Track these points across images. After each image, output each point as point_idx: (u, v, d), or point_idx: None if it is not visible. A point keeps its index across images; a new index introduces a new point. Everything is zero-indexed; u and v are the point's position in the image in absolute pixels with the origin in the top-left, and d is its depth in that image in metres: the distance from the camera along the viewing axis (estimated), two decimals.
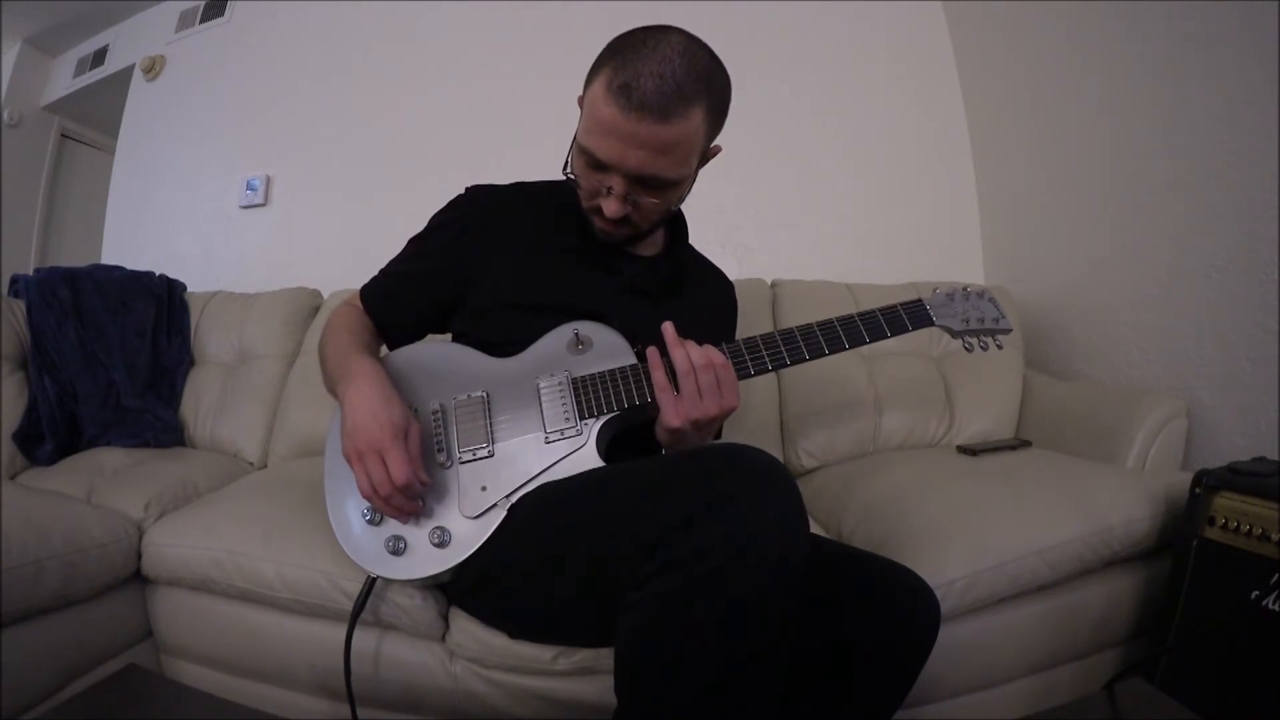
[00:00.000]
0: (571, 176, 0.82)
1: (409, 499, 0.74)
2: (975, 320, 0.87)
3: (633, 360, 0.81)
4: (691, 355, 0.75)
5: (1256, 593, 0.79)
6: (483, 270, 0.88)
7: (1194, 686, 0.82)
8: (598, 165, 0.76)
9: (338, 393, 0.80)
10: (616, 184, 0.76)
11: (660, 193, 0.78)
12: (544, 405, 0.80)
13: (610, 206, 0.78)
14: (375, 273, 0.97)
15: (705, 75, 0.73)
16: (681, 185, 0.81)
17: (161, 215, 2.42)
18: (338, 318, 0.93)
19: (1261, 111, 1.09)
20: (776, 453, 1.42)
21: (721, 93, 0.76)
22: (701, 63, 0.73)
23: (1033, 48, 1.64)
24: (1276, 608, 0.77)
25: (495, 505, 0.75)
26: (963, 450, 1.27)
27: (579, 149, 0.79)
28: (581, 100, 0.78)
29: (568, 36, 2.05)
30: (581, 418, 0.78)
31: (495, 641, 0.81)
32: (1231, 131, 1.14)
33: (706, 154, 0.82)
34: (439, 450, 0.80)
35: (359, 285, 0.97)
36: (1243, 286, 1.13)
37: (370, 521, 0.77)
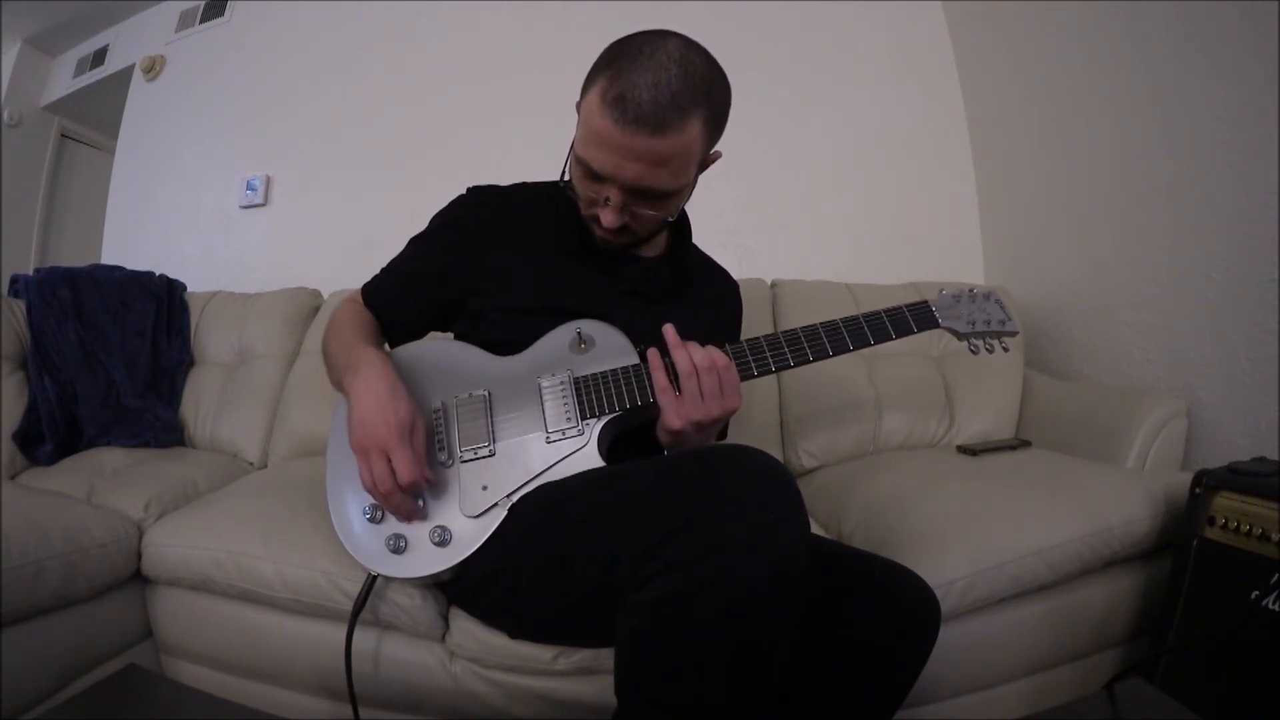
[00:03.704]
0: (568, 184, 0.82)
1: (411, 498, 0.74)
2: (981, 322, 0.87)
3: (635, 360, 0.81)
4: (694, 357, 0.75)
5: (1256, 593, 0.79)
6: (484, 272, 0.88)
7: (1194, 686, 0.82)
8: (594, 176, 0.76)
9: (344, 384, 0.80)
10: (613, 195, 0.76)
11: (658, 203, 0.78)
12: (546, 405, 0.80)
13: (607, 217, 0.78)
14: (376, 271, 0.97)
15: (703, 84, 0.72)
16: (680, 195, 0.80)
17: (161, 215, 2.42)
18: (342, 313, 0.93)
19: (1261, 111, 1.09)
20: (777, 453, 1.42)
21: (720, 100, 0.75)
22: (699, 71, 0.71)
23: (1033, 48, 1.64)
24: (1276, 608, 0.77)
25: (496, 505, 0.75)
26: (963, 450, 1.27)
27: (576, 158, 0.78)
28: (579, 106, 0.77)
29: (568, 36, 2.05)
30: (583, 417, 0.78)
31: (495, 641, 0.81)
32: (1231, 131, 1.14)
33: (706, 161, 0.81)
34: (440, 449, 0.80)
35: (359, 285, 0.97)
36: (1243, 286, 1.13)
37: (371, 520, 0.77)
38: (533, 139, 1.77)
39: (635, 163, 0.72)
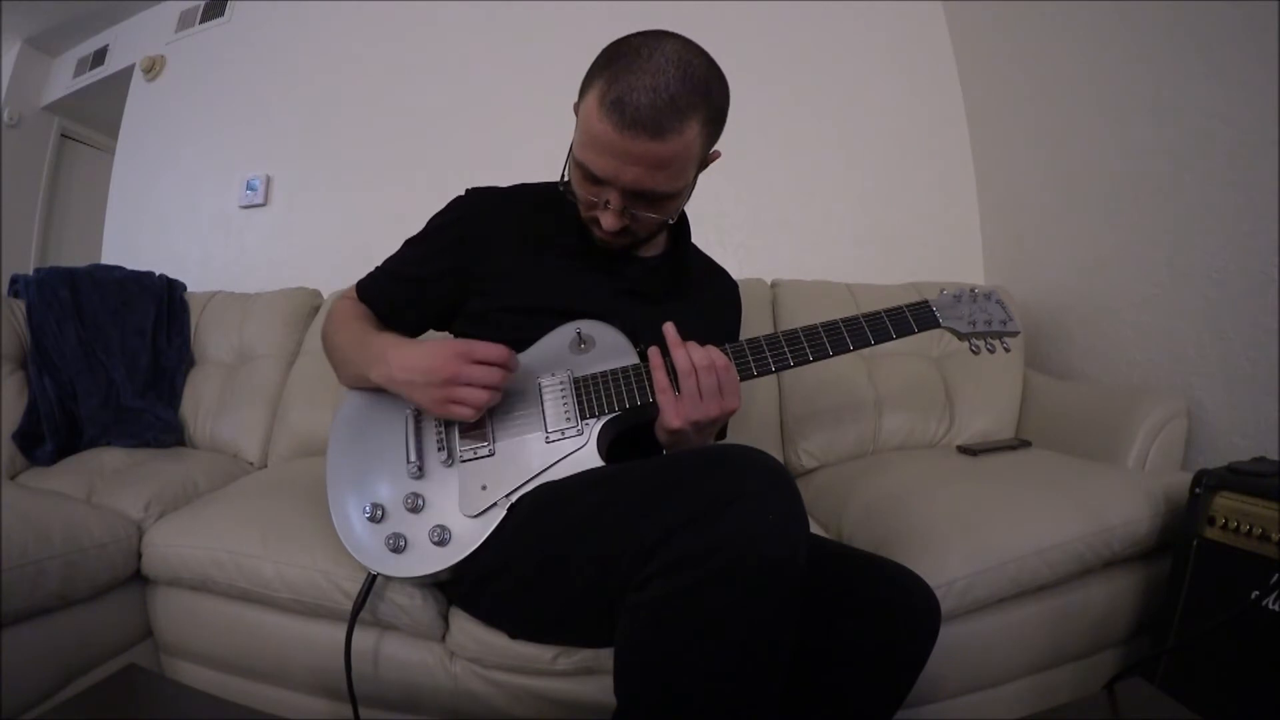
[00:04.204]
0: (567, 187, 0.81)
1: (509, 372, 0.76)
2: (982, 322, 0.87)
3: (635, 360, 0.81)
4: (693, 356, 0.75)
5: (1256, 593, 0.79)
6: (483, 273, 0.88)
7: (1194, 686, 0.82)
8: (593, 179, 0.76)
9: (371, 375, 0.80)
10: (613, 198, 0.76)
11: (657, 205, 0.78)
12: (545, 404, 0.80)
13: (607, 220, 0.78)
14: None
15: (702, 85, 0.71)
16: (679, 197, 0.80)
17: (161, 215, 2.42)
18: (342, 311, 0.92)
19: (1261, 111, 1.08)
20: (777, 453, 1.42)
21: (719, 101, 0.75)
22: (697, 72, 0.71)
23: (1033, 48, 1.64)
24: (1276, 608, 0.77)
25: (495, 504, 0.75)
26: (963, 450, 1.28)
27: (574, 161, 0.78)
28: (577, 108, 0.77)
29: (567, 36, 2.05)
30: (583, 417, 0.78)
31: (495, 641, 0.81)
32: (1231, 131, 1.14)
33: (705, 161, 0.81)
34: (440, 449, 0.79)
35: None
36: (1243, 286, 1.13)
37: (371, 519, 0.77)
38: (532, 139, 1.77)
39: (634, 166, 0.72)
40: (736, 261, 1.85)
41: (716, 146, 0.81)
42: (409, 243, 0.94)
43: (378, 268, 0.95)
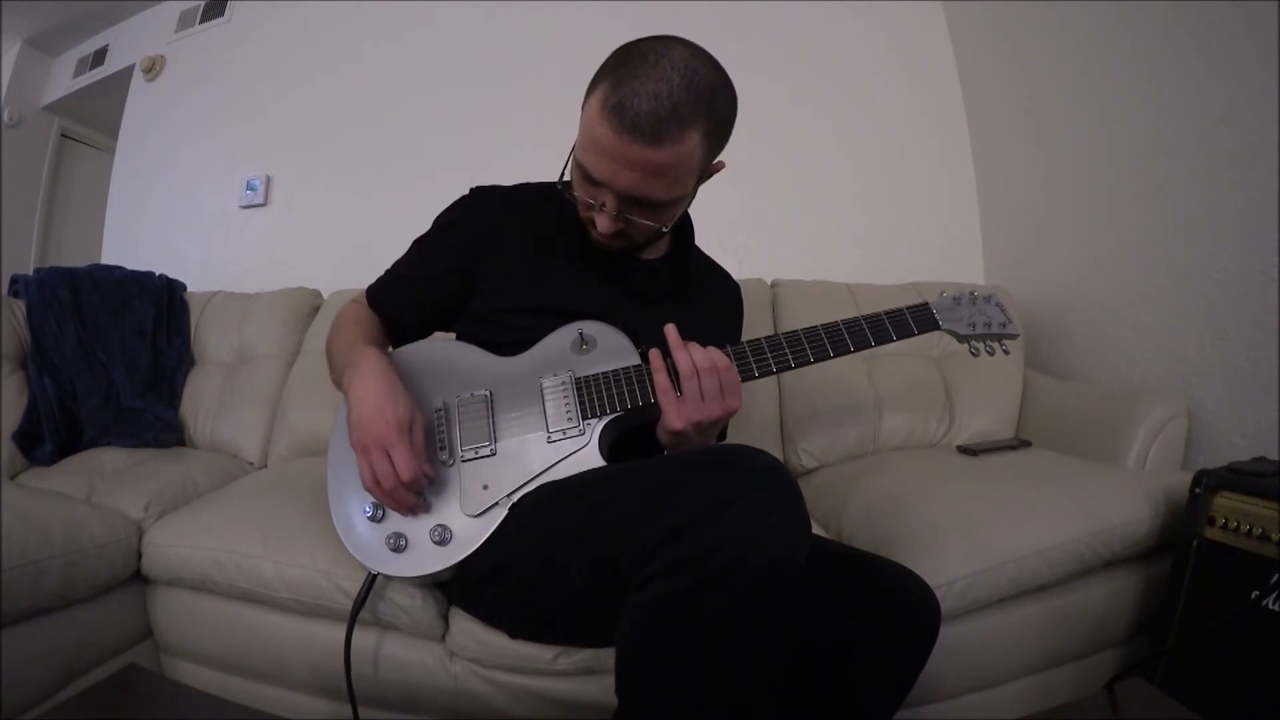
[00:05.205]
0: (566, 186, 0.81)
1: (412, 494, 0.74)
2: (982, 325, 0.87)
3: (636, 361, 0.81)
4: (695, 358, 0.75)
5: (1256, 593, 0.79)
6: (486, 272, 0.88)
7: (1194, 686, 0.82)
8: (591, 180, 0.76)
9: (343, 383, 0.80)
10: (609, 201, 0.76)
11: (653, 213, 0.78)
12: (547, 404, 0.80)
13: (602, 223, 0.78)
14: (377, 272, 0.97)
15: (706, 95, 0.71)
16: (676, 205, 0.80)
17: (161, 215, 2.42)
18: (345, 314, 0.94)
19: (1261, 111, 1.09)
20: (777, 453, 1.42)
21: (724, 113, 0.74)
22: (703, 82, 0.70)
23: (1033, 48, 1.64)
24: (1276, 608, 0.77)
25: (496, 504, 0.75)
26: (963, 450, 1.28)
27: (575, 161, 0.78)
28: (584, 107, 0.77)
29: (568, 36, 2.05)
30: (584, 417, 0.78)
31: (495, 641, 0.81)
32: (1231, 131, 1.14)
33: (707, 171, 0.81)
34: (441, 448, 0.80)
35: (359, 285, 0.97)
36: (1243, 286, 1.13)
37: (372, 518, 0.78)
38: (533, 139, 1.77)
39: (631, 171, 0.72)
40: (736, 261, 1.85)
41: (721, 158, 0.80)
42: (416, 243, 0.95)
43: (386, 271, 0.96)
